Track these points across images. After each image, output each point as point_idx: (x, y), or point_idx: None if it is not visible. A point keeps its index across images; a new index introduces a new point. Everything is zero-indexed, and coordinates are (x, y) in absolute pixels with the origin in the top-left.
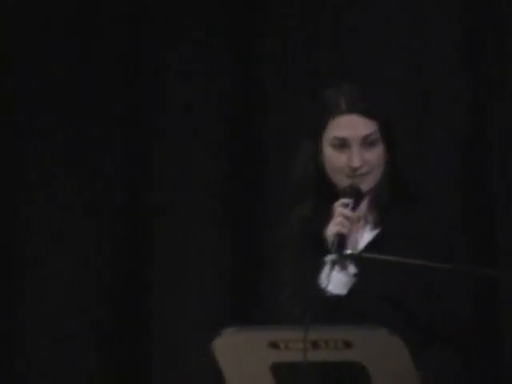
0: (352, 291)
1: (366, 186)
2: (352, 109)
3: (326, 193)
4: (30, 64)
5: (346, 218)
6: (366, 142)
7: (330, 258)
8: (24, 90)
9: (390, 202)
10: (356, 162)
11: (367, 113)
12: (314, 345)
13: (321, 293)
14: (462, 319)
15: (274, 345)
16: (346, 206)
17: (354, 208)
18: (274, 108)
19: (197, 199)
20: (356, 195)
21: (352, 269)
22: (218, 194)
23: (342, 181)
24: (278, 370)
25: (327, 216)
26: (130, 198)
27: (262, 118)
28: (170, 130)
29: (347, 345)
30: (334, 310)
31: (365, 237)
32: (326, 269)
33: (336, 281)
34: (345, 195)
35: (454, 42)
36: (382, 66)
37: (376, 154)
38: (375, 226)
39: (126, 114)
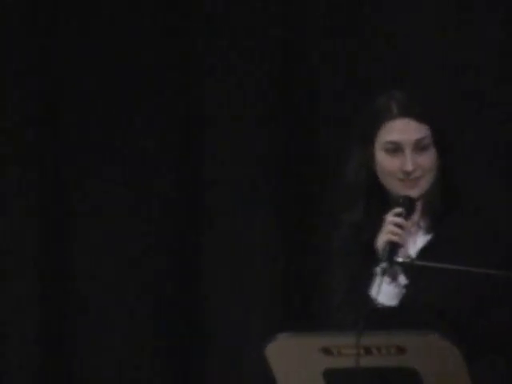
0: (403, 302)
1: (418, 190)
2: (404, 113)
3: (377, 199)
4: (88, 64)
5: (398, 226)
6: (419, 147)
7: (380, 267)
8: (77, 89)
9: (442, 207)
10: (409, 166)
11: (419, 117)
12: (367, 351)
13: (371, 304)
14: None
15: (327, 350)
16: (398, 215)
17: (407, 218)
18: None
19: (248, 198)
20: (409, 205)
21: (403, 279)
22: (269, 193)
23: (394, 185)
24: (330, 375)
25: (378, 222)
26: (182, 195)
27: (315, 121)
28: (221, 133)
29: (400, 350)
30: (385, 321)
31: (417, 242)
32: (377, 279)
33: (386, 292)
34: (398, 205)
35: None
36: (430, 70)
37: (428, 159)
38: (427, 232)
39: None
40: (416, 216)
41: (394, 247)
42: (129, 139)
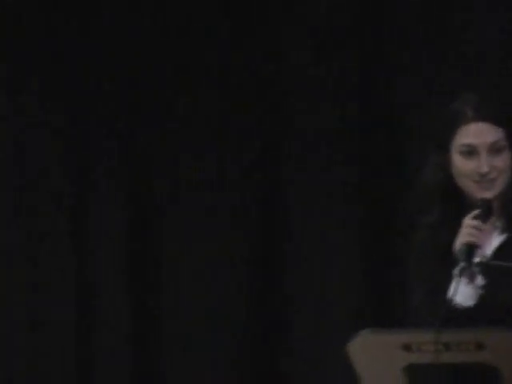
0: (480, 302)
1: (493, 191)
2: (479, 117)
3: (453, 201)
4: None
5: (476, 228)
6: (494, 149)
7: (458, 268)
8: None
9: None
10: (484, 168)
11: (494, 120)
12: (447, 347)
13: (449, 305)
14: None
15: (407, 347)
16: (476, 217)
17: (485, 220)
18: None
19: (331, 201)
20: (487, 208)
21: (480, 280)
22: (353, 196)
23: (470, 187)
24: (410, 371)
25: (455, 224)
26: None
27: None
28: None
29: (479, 347)
30: (462, 321)
31: (493, 242)
32: (455, 280)
33: (464, 293)
34: (476, 207)
35: None
36: (505, 73)
37: (503, 160)
38: (503, 232)
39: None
40: (492, 217)
41: (471, 249)
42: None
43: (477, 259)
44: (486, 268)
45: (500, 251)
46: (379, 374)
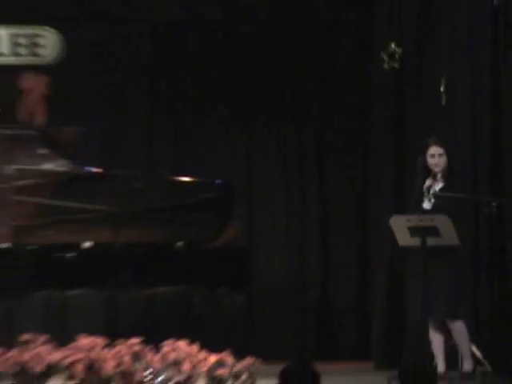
0: (432, 207)
1: (438, 168)
2: (437, 143)
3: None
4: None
5: (431, 178)
6: (439, 155)
7: (426, 196)
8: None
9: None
10: (437, 162)
11: (441, 145)
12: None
13: (421, 207)
14: None
15: (409, 220)
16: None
17: (434, 178)
18: None
19: None
20: (436, 174)
21: (432, 200)
22: None
23: (431, 166)
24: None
25: (424, 178)
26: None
27: None
28: None
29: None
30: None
31: (438, 186)
32: (425, 199)
33: (426, 203)
34: (434, 173)
35: None
36: None
37: (443, 158)
38: (442, 182)
39: None
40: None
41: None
42: None
43: (431, 192)
44: (434, 195)
45: (441, 190)
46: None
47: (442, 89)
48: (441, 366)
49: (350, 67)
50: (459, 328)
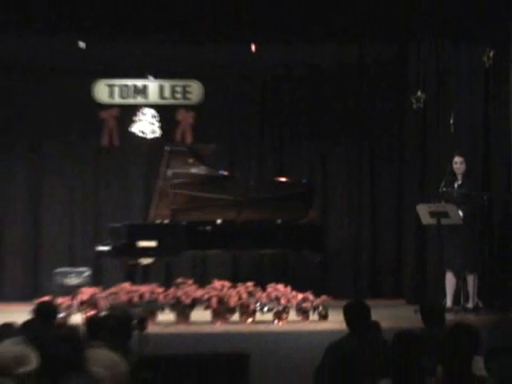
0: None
1: (460, 171)
2: (458, 154)
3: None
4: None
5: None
6: (461, 162)
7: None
8: None
9: None
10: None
11: (462, 155)
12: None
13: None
14: None
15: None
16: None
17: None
18: None
19: None
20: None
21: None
22: None
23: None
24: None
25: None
26: None
27: None
28: None
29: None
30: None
31: (458, 183)
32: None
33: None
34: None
35: None
36: None
37: (462, 164)
38: (462, 180)
39: None
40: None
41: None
42: None
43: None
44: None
45: (459, 186)
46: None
47: (451, 121)
48: (449, 303)
49: (390, 108)
50: (473, 278)
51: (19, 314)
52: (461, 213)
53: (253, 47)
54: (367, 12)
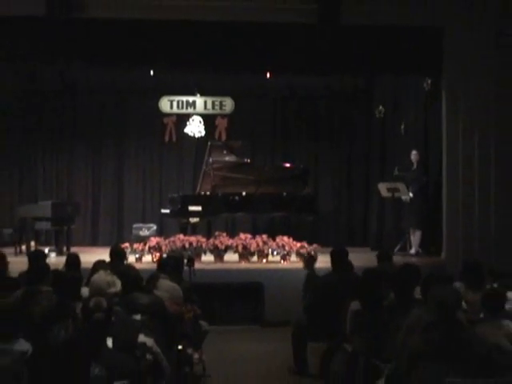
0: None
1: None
2: None
3: None
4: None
5: None
6: None
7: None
8: None
9: None
10: None
11: None
12: None
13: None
14: None
15: None
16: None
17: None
18: None
19: None
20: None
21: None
22: None
23: None
24: None
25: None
26: None
27: None
28: None
29: None
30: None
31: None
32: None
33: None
34: None
35: None
36: None
37: None
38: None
39: None
40: None
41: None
42: None
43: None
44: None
45: (413, 171)
46: None
47: (402, 127)
48: (413, 250)
49: (360, 118)
50: (418, 233)
51: (108, 254)
52: (411, 189)
53: (268, 75)
54: (345, 56)
